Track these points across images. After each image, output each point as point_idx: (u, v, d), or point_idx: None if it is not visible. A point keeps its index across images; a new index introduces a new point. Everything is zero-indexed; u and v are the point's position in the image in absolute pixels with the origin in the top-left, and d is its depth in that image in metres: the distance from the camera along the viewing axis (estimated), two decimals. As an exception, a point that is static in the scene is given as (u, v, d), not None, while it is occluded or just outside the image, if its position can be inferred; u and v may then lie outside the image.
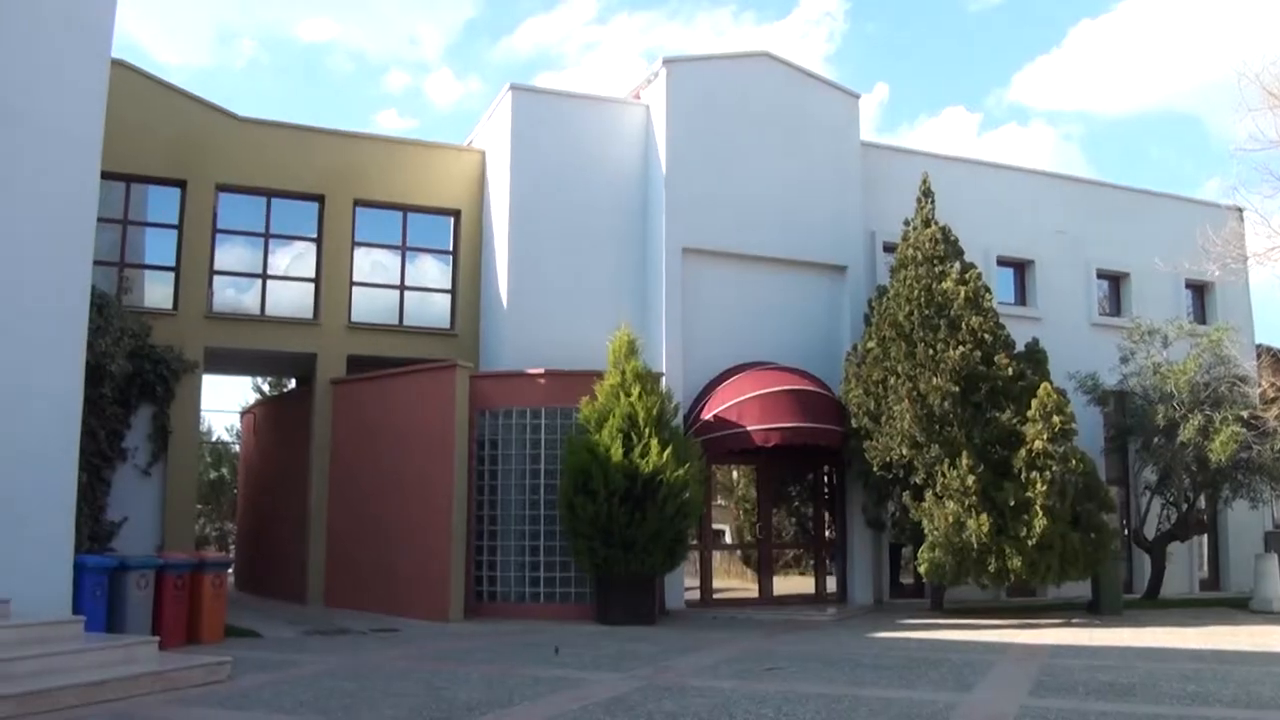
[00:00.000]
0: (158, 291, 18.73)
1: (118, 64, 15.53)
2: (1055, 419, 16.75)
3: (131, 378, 16.99)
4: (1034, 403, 16.88)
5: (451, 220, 20.49)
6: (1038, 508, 16.33)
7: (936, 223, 18.42)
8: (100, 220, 12.86)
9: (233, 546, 27.86)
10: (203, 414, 19.85)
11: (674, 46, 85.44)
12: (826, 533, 20.28)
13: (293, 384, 25.05)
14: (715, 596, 18.87)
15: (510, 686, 9.96)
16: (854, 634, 15.09)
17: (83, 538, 13.92)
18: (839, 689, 9.85)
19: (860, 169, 20.79)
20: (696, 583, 18.76)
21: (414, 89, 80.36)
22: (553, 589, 16.79)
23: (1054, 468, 16.55)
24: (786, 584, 19.78)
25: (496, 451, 17.30)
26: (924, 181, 18.90)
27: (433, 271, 20.64)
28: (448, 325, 20.17)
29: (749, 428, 17.77)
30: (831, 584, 19.89)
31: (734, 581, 19.80)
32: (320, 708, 8.87)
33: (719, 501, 20.41)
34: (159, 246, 18.82)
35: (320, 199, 19.54)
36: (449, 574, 16.38)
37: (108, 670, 9.49)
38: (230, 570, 18.61)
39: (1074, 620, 17.47)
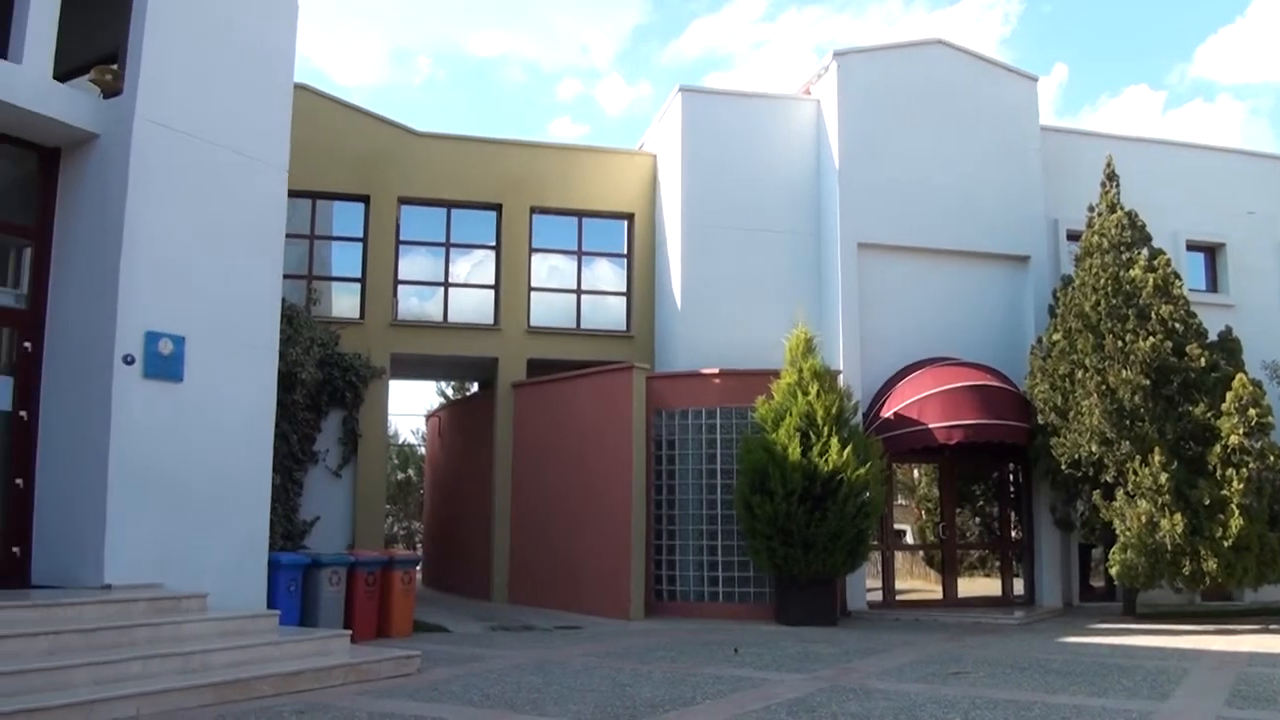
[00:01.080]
0: (345, 302, 19.52)
1: (301, 88, 16.21)
2: (1252, 412, 15.85)
3: (322, 384, 17.73)
4: (1229, 395, 16.01)
5: (625, 224, 20.70)
6: (1234, 507, 15.52)
7: (1122, 207, 17.67)
8: (289, 236, 13.45)
9: (420, 545, 28.77)
10: (390, 418, 20.56)
11: (844, 39, 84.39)
12: (1013, 533, 19.67)
13: (475, 388, 25.73)
14: (898, 598, 18.56)
15: (693, 685, 10.00)
16: (1043, 638, 14.63)
17: (277, 536, 14.61)
18: (1029, 695, 9.57)
19: (1040, 155, 20.08)
20: (878, 584, 18.47)
21: (586, 96, 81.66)
22: (731, 588, 16.80)
23: (1251, 464, 15.69)
24: (971, 586, 19.29)
25: (674, 451, 17.40)
26: (1108, 165, 18.14)
27: (608, 275, 20.89)
28: (624, 327, 20.38)
29: (930, 425, 17.37)
30: (1018, 586, 19.28)
31: (917, 583, 19.44)
32: (507, 701, 9.06)
33: (900, 501, 20.07)
34: (345, 259, 19.65)
35: (498, 208, 20.01)
36: (629, 572, 16.56)
37: (302, 662, 9.84)
38: (419, 568, 19.20)
39: (1272, 626, 16.55)
